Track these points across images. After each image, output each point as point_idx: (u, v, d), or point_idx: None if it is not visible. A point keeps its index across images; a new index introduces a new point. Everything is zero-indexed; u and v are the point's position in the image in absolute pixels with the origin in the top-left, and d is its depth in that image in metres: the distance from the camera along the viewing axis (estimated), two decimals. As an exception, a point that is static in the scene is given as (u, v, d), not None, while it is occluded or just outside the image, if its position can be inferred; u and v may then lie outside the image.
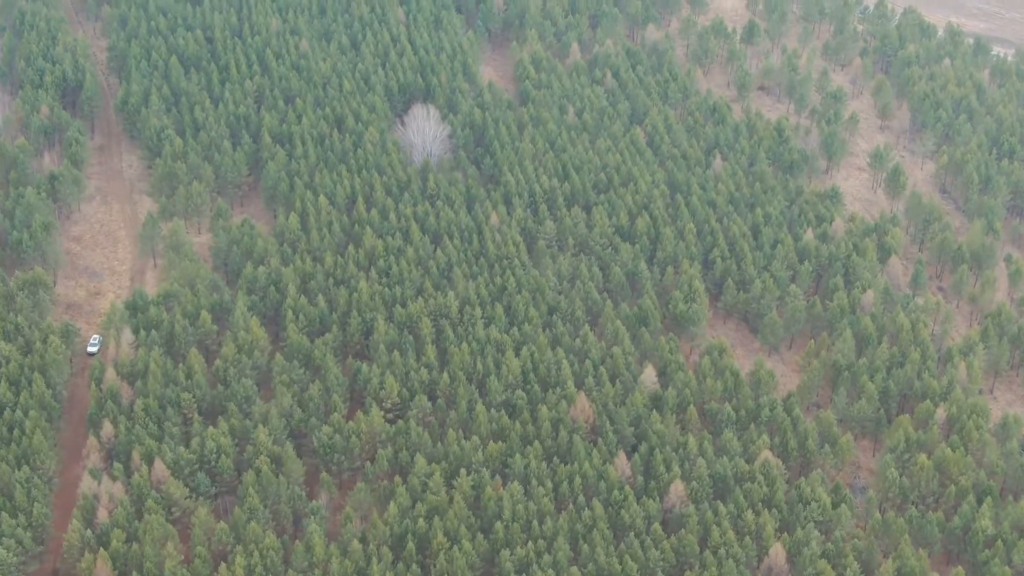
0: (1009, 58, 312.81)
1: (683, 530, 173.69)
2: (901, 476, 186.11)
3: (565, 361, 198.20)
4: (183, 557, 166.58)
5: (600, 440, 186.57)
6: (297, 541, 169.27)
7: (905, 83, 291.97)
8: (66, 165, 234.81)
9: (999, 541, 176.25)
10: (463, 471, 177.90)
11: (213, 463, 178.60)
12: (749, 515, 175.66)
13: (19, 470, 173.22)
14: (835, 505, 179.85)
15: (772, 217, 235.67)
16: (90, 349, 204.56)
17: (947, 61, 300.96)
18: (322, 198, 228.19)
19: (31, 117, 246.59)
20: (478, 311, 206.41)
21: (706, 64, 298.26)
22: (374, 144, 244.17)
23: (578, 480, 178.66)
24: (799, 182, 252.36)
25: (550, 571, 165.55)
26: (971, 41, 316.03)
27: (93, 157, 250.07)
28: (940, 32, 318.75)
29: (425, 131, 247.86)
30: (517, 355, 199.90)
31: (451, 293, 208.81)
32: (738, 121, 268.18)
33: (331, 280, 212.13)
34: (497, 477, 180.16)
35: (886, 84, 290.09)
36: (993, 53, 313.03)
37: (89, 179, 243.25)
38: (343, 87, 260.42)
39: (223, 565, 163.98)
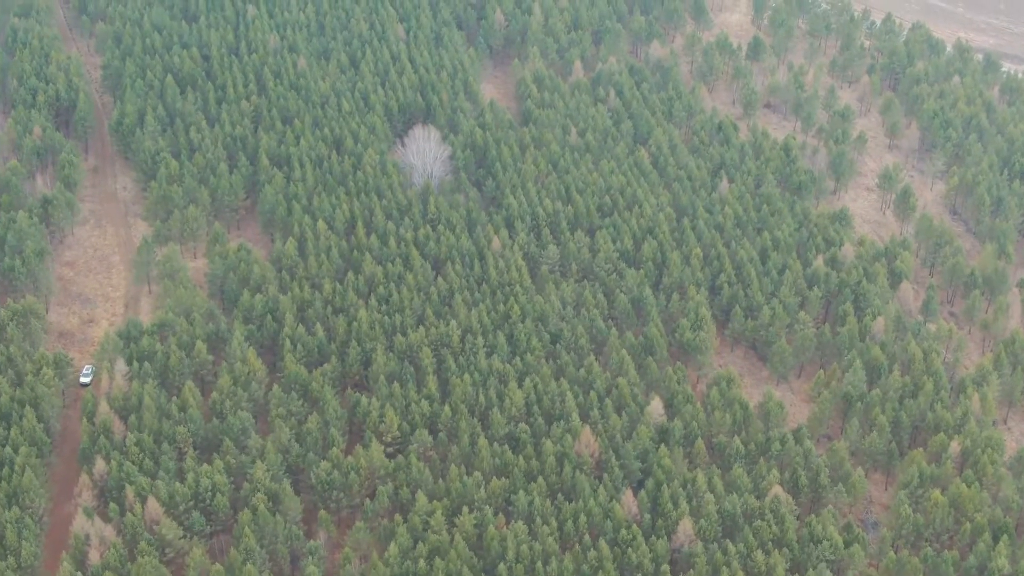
0: (1020, 75, 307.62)
1: (692, 571, 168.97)
2: (915, 513, 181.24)
3: (569, 393, 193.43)
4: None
5: (606, 476, 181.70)
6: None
7: (914, 101, 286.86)
8: (59, 188, 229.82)
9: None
10: (465, 509, 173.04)
11: (208, 501, 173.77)
12: (759, 555, 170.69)
13: (9, 510, 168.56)
14: (847, 544, 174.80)
15: (780, 241, 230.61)
16: (82, 380, 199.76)
17: (956, 78, 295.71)
18: (320, 223, 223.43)
19: (23, 138, 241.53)
20: (480, 340, 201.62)
21: (711, 81, 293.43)
22: (373, 166, 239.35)
23: (583, 518, 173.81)
24: (807, 204, 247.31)
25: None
26: (980, 57, 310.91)
27: (87, 179, 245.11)
28: (949, 48, 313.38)
29: (426, 152, 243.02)
30: (520, 386, 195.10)
31: (453, 322, 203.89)
32: (744, 141, 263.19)
33: (329, 308, 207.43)
34: (500, 515, 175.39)
35: (895, 102, 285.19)
36: (1003, 70, 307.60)
37: (82, 201, 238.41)
38: (342, 107, 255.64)
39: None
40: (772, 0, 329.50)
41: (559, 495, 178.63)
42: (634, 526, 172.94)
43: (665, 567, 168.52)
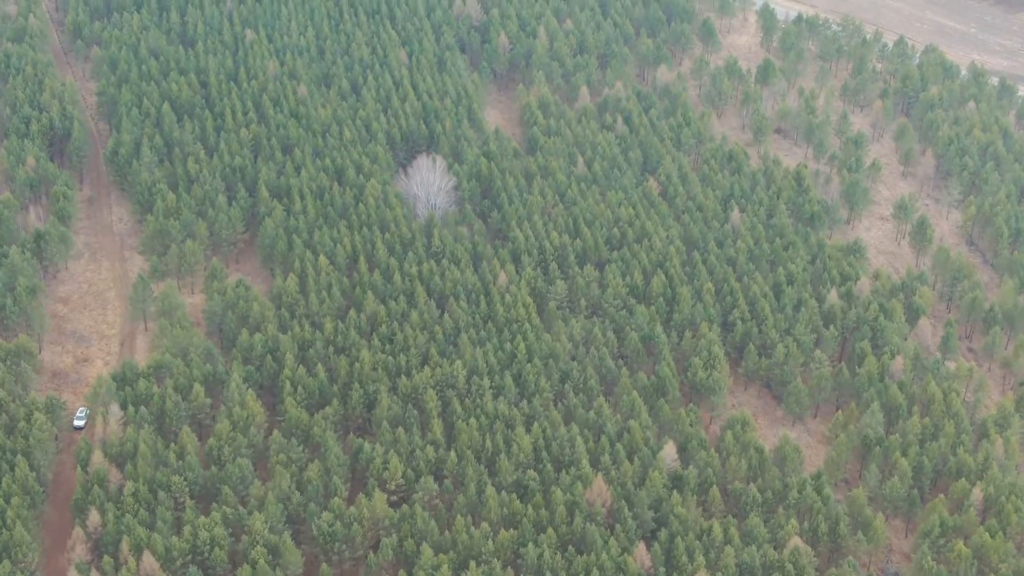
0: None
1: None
2: (937, 564, 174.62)
3: (579, 438, 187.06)
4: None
5: (618, 526, 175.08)
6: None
7: (928, 127, 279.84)
8: (52, 222, 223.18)
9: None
10: (472, 563, 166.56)
11: (206, 555, 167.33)
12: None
13: (0, 564, 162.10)
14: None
15: (794, 276, 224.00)
16: (76, 423, 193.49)
17: (971, 104, 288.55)
18: (322, 258, 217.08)
19: (16, 169, 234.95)
20: (486, 381, 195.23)
21: (720, 106, 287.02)
22: (376, 198, 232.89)
23: (595, 573, 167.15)
24: (820, 235, 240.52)
25: None
26: (995, 81, 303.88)
27: (82, 210, 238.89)
28: (963, 72, 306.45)
29: (429, 183, 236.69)
30: (528, 431, 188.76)
31: (458, 362, 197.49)
32: (755, 170, 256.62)
33: (331, 348, 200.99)
34: (509, 569, 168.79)
35: (909, 129, 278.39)
36: (1019, 95, 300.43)
37: (77, 234, 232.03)
38: (343, 136, 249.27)
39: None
40: (782, 22, 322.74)
41: (569, 547, 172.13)
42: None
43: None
